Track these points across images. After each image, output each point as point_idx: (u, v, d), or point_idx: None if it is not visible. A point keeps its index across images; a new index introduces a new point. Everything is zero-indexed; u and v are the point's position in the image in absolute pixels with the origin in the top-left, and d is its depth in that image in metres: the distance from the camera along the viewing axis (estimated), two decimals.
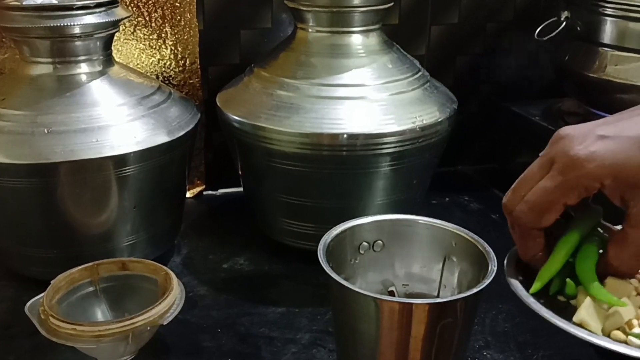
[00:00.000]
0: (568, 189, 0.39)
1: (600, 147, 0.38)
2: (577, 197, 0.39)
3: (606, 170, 0.38)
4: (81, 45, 0.68)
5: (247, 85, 0.78)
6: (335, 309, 0.54)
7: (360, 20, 0.74)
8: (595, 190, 0.39)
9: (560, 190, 0.39)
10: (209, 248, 0.83)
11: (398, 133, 0.71)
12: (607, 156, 0.38)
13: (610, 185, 0.39)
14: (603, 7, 0.83)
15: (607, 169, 0.38)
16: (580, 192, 0.39)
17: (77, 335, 0.56)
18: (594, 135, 0.39)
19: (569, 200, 0.39)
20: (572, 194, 0.39)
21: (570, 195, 0.39)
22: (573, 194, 0.39)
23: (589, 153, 0.38)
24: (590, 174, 0.38)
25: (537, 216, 0.40)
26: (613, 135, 0.39)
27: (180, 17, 0.87)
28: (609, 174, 0.38)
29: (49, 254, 0.69)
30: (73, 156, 0.64)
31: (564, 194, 0.39)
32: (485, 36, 1.03)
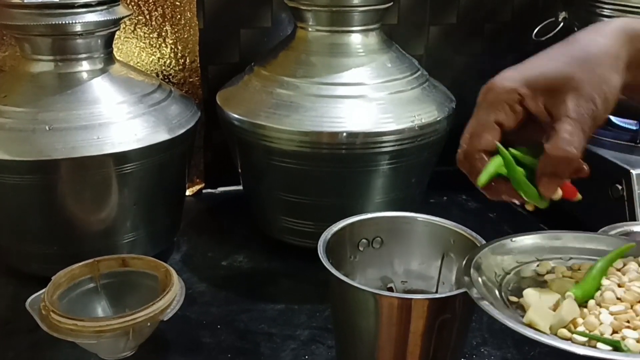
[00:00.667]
0: (492, 106, 0.43)
1: (512, 70, 0.44)
2: (505, 113, 0.43)
3: (517, 79, 0.42)
4: (82, 43, 0.68)
5: (247, 83, 0.78)
6: (335, 305, 0.55)
7: (360, 19, 0.75)
8: (515, 102, 0.42)
9: (486, 110, 0.43)
10: (209, 245, 0.83)
11: (397, 132, 0.71)
12: (518, 71, 0.43)
13: (528, 94, 0.42)
14: (600, 8, 0.84)
15: (518, 78, 0.42)
16: (505, 107, 0.43)
17: (78, 331, 0.56)
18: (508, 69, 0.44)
19: (499, 116, 0.43)
20: (498, 110, 0.43)
21: (497, 112, 0.43)
22: (499, 109, 0.43)
23: (503, 76, 0.44)
24: (505, 88, 0.42)
25: (476, 139, 0.43)
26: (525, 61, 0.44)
27: (180, 15, 0.87)
28: (521, 81, 0.42)
29: (49, 251, 0.70)
30: (74, 153, 0.64)
31: (491, 112, 0.43)
32: (483, 36, 1.04)
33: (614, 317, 0.41)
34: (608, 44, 0.43)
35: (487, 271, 0.45)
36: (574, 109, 0.41)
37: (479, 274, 0.44)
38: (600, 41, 0.43)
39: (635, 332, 0.40)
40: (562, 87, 0.42)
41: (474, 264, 0.45)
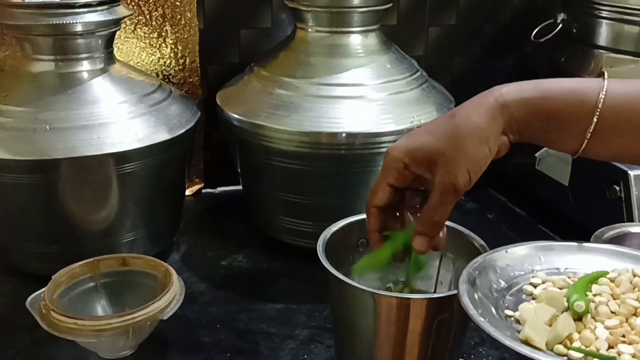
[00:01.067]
0: (385, 172, 0.51)
1: (402, 140, 0.51)
2: (393, 176, 0.51)
3: (402, 151, 0.50)
4: (83, 43, 0.69)
5: (247, 84, 0.78)
6: (334, 304, 0.55)
7: (360, 20, 0.75)
8: (401, 169, 0.50)
9: (382, 173, 0.52)
10: (208, 245, 0.84)
11: (396, 132, 0.71)
12: (403, 143, 0.51)
13: (410, 163, 0.50)
14: (599, 10, 0.84)
15: (402, 151, 0.50)
16: (393, 172, 0.51)
17: (78, 330, 0.56)
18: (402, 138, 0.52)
19: (389, 179, 0.51)
20: (389, 174, 0.51)
21: (388, 176, 0.51)
22: (390, 174, 0.51)
23: (394, 145, 0.51)
24: (394, 157, 0.50)
25: (372, 196, 0.52)
26: (414, 132, 0.52)
27: (180, 16, 0.88)
28: (405, 153, 0.50)
29: (49, 250, 0.70)
30: (74, 153, 0.65)
31: (383, 176, 0.51)
32: (482, 37, 1.04)
33: (609, 332, 0.41)
34: (478, 122, 0.48)
35: (482, 286, 0.46)
36: (440, 181, 0.48)
37: (473, 289, 0.45)
38: (473, 119, 0.48)
39: (631, 347, 0.40)
40: (435, 161, 0.49)
41: (469, 279, 0.45)
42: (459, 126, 0.48)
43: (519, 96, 0.48)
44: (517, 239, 0.52)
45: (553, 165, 0.86)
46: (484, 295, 0.45)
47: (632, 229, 0.65)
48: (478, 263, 0.48)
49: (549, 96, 0.48)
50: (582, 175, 0.82)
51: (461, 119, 0.48)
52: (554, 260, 0.50)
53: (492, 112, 0.48)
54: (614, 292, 0.45)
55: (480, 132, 0.48)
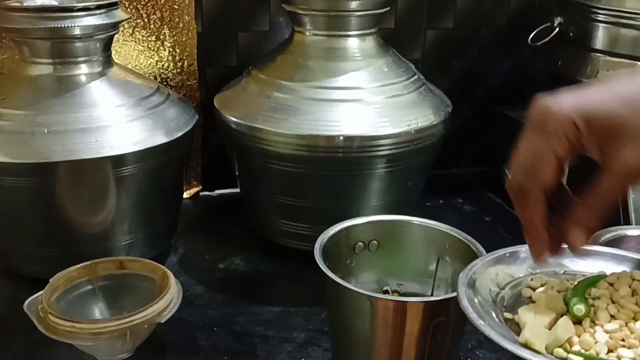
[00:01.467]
0: (550, 137, 0.39)
1: (570, 96, 0.39)
2: (563, 146, 0.39)
3: (577, 112, 0.38)
4: (81, 46, 0.69)
5: (245, 87, 0.79)
6: (331, 307, 0.55)
7: (357, 24, 0.75)
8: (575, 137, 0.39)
9: (543, 139, 0.39)
10: (206, 248, 0.84)
11: (393, 135, 0.72)
12: (578, 101, 0.39)
13: (585, 130, 0.38)
14: (595, 13, 0.85)
15: (578, 111, 0.38)
16: (563, 139, 0.39)
17: (76, 333, 0.57)
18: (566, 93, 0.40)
19: (557, 149, 0.39)
20: (555, 142, 0.39)
21: (555, 144, 0.39)
22: (557, 141, 0.39)
23: (560, 101, 0.39)
24: (564, 117, 0.38)
25: (532, 172, 0.39)
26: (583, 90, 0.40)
27: (178, 19, 0.88)
28: (581, 115, 0.38)
29: (47, 253, 0.70)
30: (72, 156, 0.65)
31: (548, 143, 0.39)
32: (479, 41, 1.04)
33: (609, 336, 0.41)
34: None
35: (482, 288, 0.45)
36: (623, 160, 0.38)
37: (474, 293, 0.44)
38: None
39: (630, 351, 0.40)
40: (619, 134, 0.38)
41: (468, 282, 0.45)
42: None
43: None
44: (514, 242, 0.52)
45: None
46: (482, 298, 0.44)
47: (629, 232, 0.65)
48: (477, 266, 0.47)
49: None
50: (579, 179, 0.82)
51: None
52: (553, 262, 0.49)
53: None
54: (613, 296, 0.45)
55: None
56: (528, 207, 0.40)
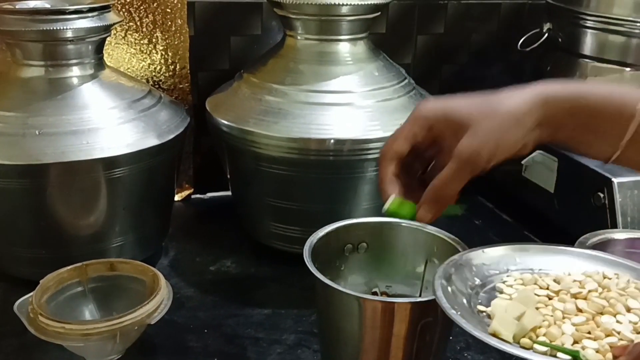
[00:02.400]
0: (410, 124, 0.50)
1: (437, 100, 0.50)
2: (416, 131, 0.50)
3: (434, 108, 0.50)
4: (73, 49, 0.69)
5: (237, 90, 0.79)
6: (320, 308, 0.55)
7: (348, 28, 0.76)
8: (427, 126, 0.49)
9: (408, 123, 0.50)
10: (197, 250, 0.84)
11: (384, 139, 0.72)
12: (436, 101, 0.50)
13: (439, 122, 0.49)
14: (584, 20, 0.86)
15: (434, 107, 0.50)
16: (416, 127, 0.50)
17: (66, 334, 0.57)
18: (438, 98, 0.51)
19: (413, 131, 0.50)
20: (414, 126, 0.50)
21: (412, 128, 0.50)
22: (415, 126, 0.50)
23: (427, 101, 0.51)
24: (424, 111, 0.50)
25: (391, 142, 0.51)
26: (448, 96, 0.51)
27: (171, 22, 0.88)
28: (436, 110, 0.49)
29: (38, 255, 0.70)
30: (63, 158, 0.65)
31: (407, 127, 0.50)
32: (470, 46, 1.05)
33: (575, 328, 0.43)
34: (520, 103, 0.47)
35: (458, 281, 0.47)
36: (463, 149, 0.47)
37: (448, 284, 0.46)
38: (515, 99, 0.48)
39: (595, 342, 0.41)
40: (465, 126, 0.47)
41: (444, 274, 0.47)
42: (501, 102, 0.47)
43: (561, 93, 0.48)
44: None
45: (539, 172, 0.87)
46: (458, 290, 0.46)
47: (616, 236, 0.66)
48: (455, 260, 0.49)
49: (589, 97, 0.48)
50: (567, 183, 0.83)
51: (504, 98, 0.48)
52: (529, 261, 0.51)
53: (534, 100, 0.47)
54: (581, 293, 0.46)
55: (519, 115, 0.47)
56: (384, 165, 0.51)
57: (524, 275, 0.49)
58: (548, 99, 0.48)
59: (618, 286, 0.47)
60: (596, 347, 0.41)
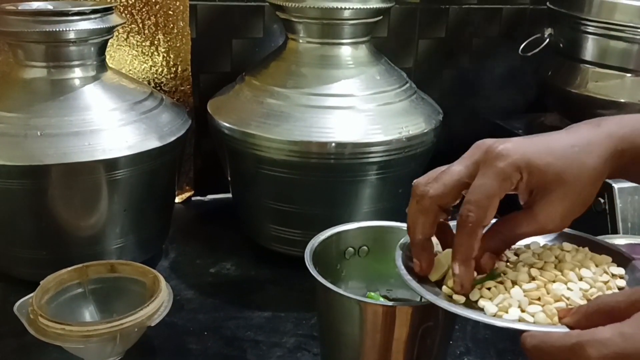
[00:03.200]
0: (502, 180, 0.42)
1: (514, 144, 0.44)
2: (506, 189, 0.43)
3: (523, 160, 0.43)
4: (75, 50, 0.69)
5: (238, 93, 0.79)
6: (321, 312, 0.55)
7: (350, 32, 0.76)
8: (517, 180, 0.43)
9: (497, 182, 0.43)
10: (197, 253, 0.84)
11: (385, 143, 0.72)
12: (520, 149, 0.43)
13: (526, 179, 0.43)
14: (585, 25, 0.86)
15: (523, 160, 0.43)
16: (507, 184, 0.43)
17: (66, 335, 0.57)
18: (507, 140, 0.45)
19: (502, 193, 0.43)
20: (504, 186, 0.43)
21: (503, 188, 0.43)
22: (505, 185, 0.43)
23: (507, 147, 0.43)
24: (512, 164, 0.43)
25: (483, 213, 0.43)
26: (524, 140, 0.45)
27: (173, 24, 0.88)
28: (526, 164, 0.43)
29: (38, 255, 0.70)
30: (65, 159, 0.65)
31: (500, 186, 0.42)
32: (471, 51, 1.05)
33: (524, 294, 0.44)
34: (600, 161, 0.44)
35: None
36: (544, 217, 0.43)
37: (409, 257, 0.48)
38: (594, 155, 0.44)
39: (539, 307, 0.42)
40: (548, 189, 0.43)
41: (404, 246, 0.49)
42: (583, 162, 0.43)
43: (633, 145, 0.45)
44: None
45: None
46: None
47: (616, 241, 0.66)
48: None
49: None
50: None
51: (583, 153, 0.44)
52: None
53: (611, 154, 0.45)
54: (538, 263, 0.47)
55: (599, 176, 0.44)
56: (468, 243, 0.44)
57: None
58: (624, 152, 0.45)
59: (574, 258, 0.47)
60: (541, 310, 0.42)
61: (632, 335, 0.33)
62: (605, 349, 0.33)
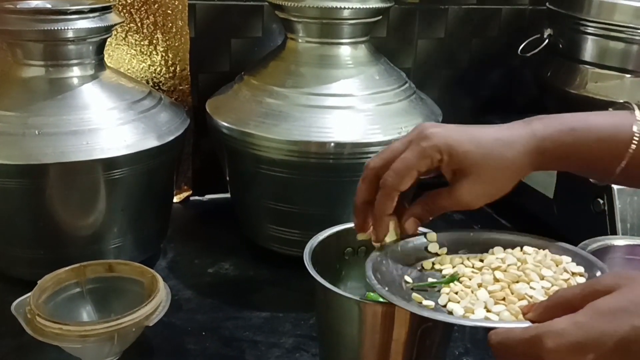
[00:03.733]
0: (419, 158, 0.50)
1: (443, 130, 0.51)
2: (425, 165, 0.50)
3: (444, 144, 0.49)
4: (74, 49, 0.69)
5: (237, 92, 0.79)
6: (320, 312, 0.55)
7: (349, 32, 0.76)
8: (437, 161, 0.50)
9: (415, 157, 0.50)
10: (195, 253, 0.84)
11: (384, 143, 0.72)
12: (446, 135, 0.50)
13: (446, 160, 0.50)
14: (584, 26, 0.86)
15: (444, 143, 0.49)
16: (427, 161, 0.50)
17: (63, 335, 0.56)
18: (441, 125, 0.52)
19: (422, 167, 0.50)
20: (423, 162, 0.50)
21: (421, 163, 0.50)
22: (424, 162, 0.50)
23: (435, 131, 0.50)
24: (435, 146, 0.49)
25: (399, 180, 0.50)
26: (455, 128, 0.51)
27: (171, 24, 0.88)
28: (446, 147, 0.49)
29: (36, 255, 0.70)
30: (63, 158, 0.65)
31: (417, 161, 0.50)
32: (470, 51, 1.05)
33: (490, 295, 0.46)
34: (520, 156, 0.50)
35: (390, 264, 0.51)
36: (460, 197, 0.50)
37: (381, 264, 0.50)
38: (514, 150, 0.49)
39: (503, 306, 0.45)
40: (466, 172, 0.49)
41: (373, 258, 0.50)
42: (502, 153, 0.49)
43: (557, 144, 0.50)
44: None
45: (538, 178, 0.87)
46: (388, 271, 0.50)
47: (615, 242, 0.66)
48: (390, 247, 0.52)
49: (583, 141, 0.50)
50: (566, 188, 0.83)
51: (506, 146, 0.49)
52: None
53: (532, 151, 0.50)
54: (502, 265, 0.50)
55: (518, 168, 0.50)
56: (383, 202, 0.51)
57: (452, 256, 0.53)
58: (546, 150, 0.50)
59: (535, 259, 0.50)
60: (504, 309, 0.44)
61: (584, 324, 0.35)
62: (561, 338, 0.35)
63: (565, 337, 0.35)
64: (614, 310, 0.35)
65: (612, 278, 0.38)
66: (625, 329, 0.34)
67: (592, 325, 0.35)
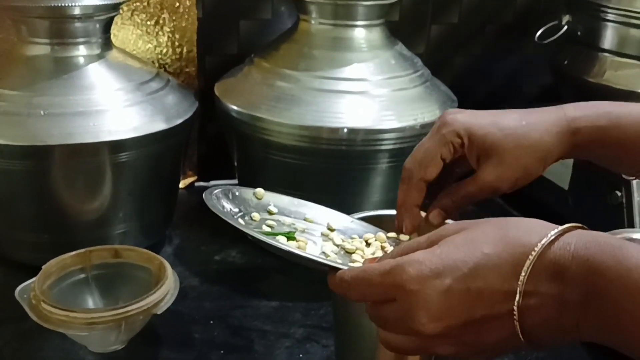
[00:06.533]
0: (441, 144, 0.49)
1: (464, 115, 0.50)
2: (448, 150, 0.50)
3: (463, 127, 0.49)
4: (80, 27, 0.67)
5: (247, 75, 0.77)
6: (337, 304, 0.54)
7: (364, 13, 0.74)
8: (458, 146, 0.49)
9: (436, 144, 0.50)
10: (201, 239, 0.82)
11: (398, 130, 0.70)
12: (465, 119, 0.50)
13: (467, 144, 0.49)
14: (604, 13, 0.84)
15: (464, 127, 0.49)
16: (449, 146, 0.49)
17: (70, 322, 0.55)
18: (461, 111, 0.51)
19: (444, 153, 0.50)
20: (445, 148, 0.49)
21: (443, 149, 0.49)
22: (446, 147, 0.49)
23: (455, 117, 0.50)
24: (454, 130, 0.49)
25: (423, 169, 0.50)
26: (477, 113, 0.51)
27: (179, 3, 0.86)
28: (466, 131, 0.49)
29: (39, 239, 0.68)
30: (69, 140, 0.63)
31: (438, 147, 0.50)
32: (484, 37, 1.03)
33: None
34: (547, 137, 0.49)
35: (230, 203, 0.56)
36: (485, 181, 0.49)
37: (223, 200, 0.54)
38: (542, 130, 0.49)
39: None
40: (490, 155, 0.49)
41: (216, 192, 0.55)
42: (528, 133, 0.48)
43: (591, 124, 0.48)
44: None
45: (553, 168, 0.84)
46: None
47: (633, 235, 0.64)
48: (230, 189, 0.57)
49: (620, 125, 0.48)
50: (582, 180, 0.81)
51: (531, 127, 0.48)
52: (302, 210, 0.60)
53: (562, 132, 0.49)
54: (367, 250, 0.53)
55: (546, 150, 0.49)
56: (410, 192, 0.51)
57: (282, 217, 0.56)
58: (579, 131, 0.48)
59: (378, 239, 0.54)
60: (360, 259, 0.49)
61: (441, 253, 0.37)
62: (421, 265, 0.37)
63: (426, 264, 0.37)
64: (467, 241, 0.37)
65: (455, 225, 0.39)
66: (477, 256, 0.36)
67: (448, 254, 0.37)
